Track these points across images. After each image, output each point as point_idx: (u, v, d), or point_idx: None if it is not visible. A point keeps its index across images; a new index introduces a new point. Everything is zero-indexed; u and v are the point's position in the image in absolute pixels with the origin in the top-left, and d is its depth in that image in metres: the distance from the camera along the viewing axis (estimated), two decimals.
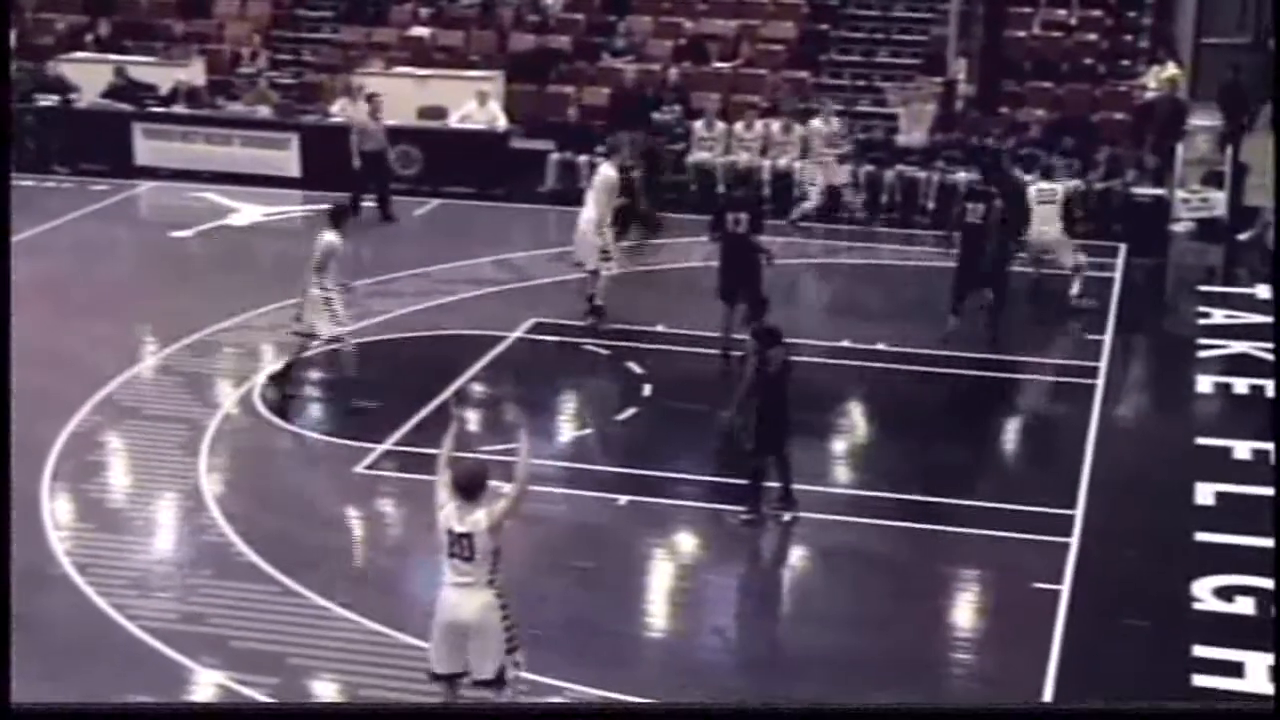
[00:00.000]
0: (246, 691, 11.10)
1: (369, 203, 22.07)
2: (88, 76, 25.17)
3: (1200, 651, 11.73)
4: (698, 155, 23.43)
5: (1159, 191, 22.43)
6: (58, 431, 15.04)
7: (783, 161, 23.14)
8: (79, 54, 26.30)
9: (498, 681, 10.23)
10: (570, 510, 13.98)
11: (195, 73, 25.71)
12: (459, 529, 10.00)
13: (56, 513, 13.62)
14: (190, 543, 13.31)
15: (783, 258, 18.33)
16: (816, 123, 22.58)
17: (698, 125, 23.60)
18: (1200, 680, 11.40)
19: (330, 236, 15.62)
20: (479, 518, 10.00)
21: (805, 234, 21.64)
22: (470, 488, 10.05)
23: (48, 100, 24.84)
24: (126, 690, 11.03)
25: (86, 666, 11.40)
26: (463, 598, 10.08)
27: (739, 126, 23.62)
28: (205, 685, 11.27)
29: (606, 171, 18.13)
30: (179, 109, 24.82)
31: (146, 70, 25.43)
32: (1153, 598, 12.62)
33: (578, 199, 22.94)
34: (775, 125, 23.40)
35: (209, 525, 13.49)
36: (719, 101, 24.39)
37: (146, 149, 24.30)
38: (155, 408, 15.78)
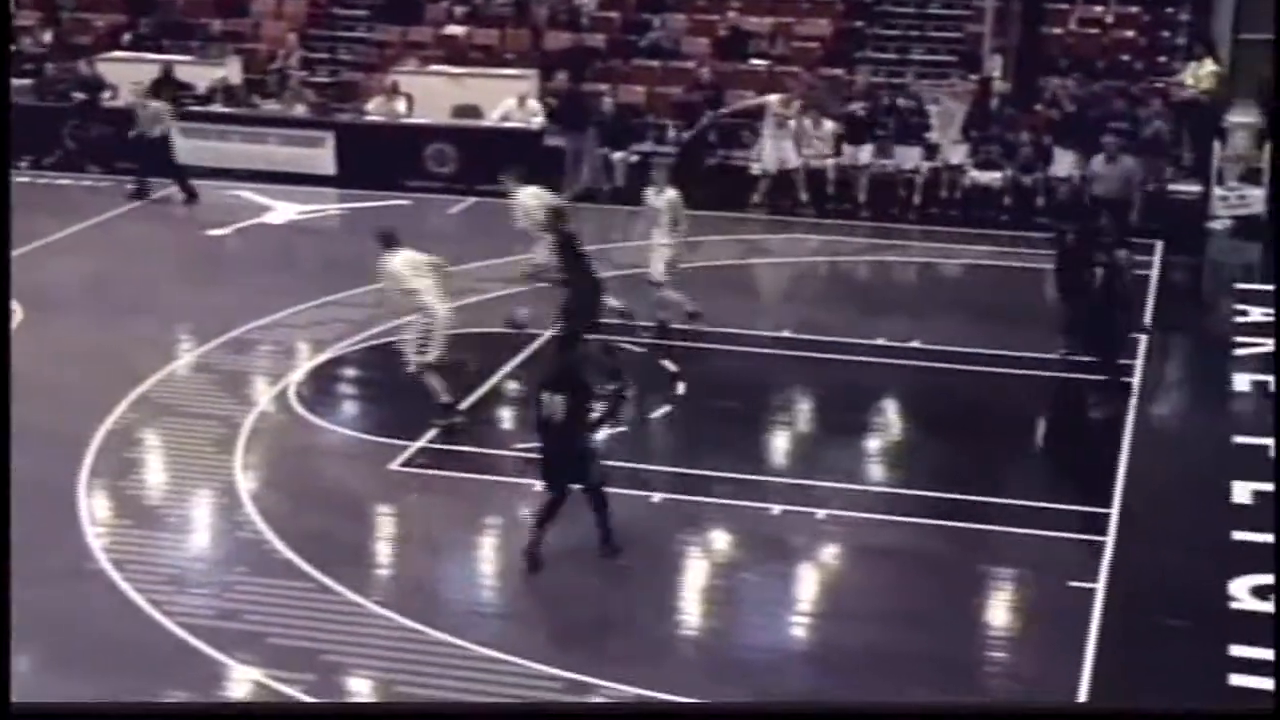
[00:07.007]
0: (281, 688, 11.14)
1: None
2: (126, 75, 25.29)
3: (1237, 651, 11.64)
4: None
5: (1196, 188, 22.30)
6: (95, 428, 15.12)
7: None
8: (117, 53, 26.42)
9: None
10: None
11: (232, 71, 25.79)
12: None
13: (94, 509, 13.70)
14: (226, 539, 13.37)
15: (816, 255, 18.15)
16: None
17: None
18: (1237, 680, 11.32)
19: None
20: None
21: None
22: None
23: (83, 98, 24.97)
24: (163, 686, 11.08)
25: (124, 662, 11.45)
26: None
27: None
28: (241, 681, 11.31)
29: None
30: (216, 108, 24.93)
31: (184, 69, 25.53)
32: (1190, 597, 12.54)
33: (611, 195, 22.99)
34: (807, 121, 23.27)
35: (244, 522, 13.55)
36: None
37: (184, 147, 24.40)
38: (192, 405, 15.86)
